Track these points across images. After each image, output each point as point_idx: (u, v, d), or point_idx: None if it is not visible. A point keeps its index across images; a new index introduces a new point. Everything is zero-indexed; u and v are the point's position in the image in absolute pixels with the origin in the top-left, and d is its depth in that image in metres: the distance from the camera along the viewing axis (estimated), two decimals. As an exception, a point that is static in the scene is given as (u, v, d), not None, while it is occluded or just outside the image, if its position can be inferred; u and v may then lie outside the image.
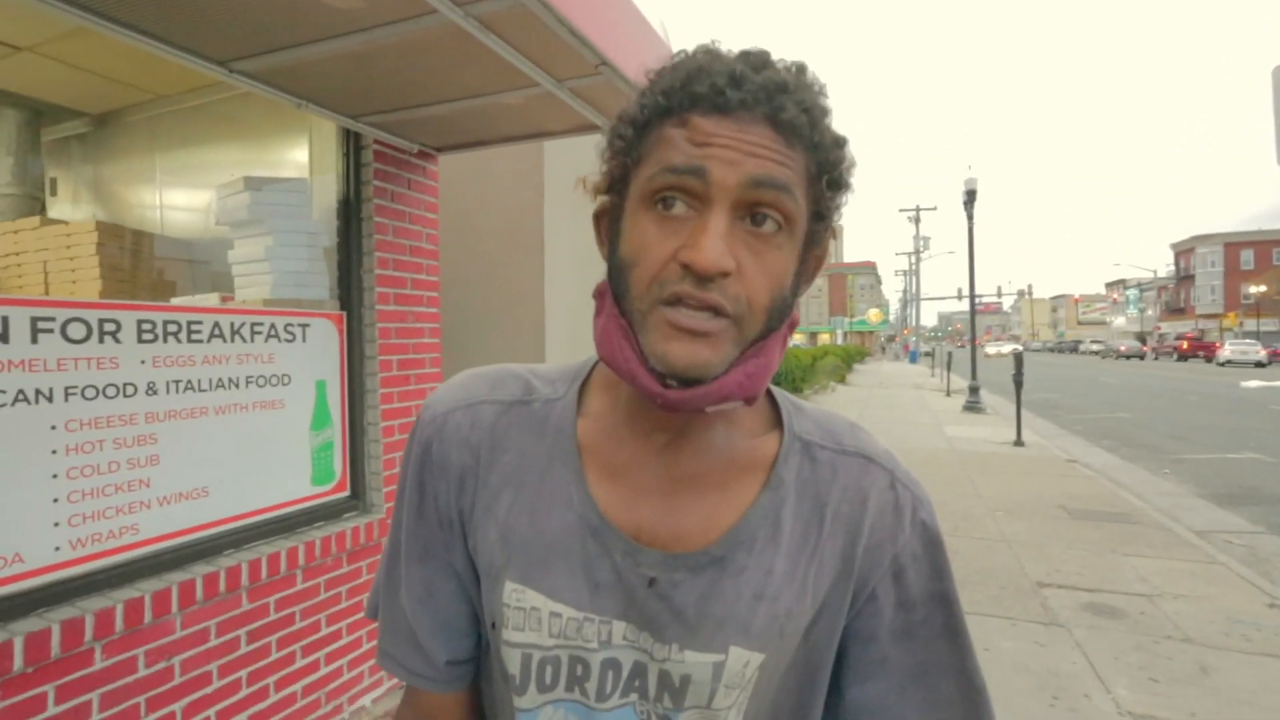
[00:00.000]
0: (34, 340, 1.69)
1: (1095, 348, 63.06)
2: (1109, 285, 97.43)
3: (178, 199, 3.31)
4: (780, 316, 0.52)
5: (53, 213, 3.55)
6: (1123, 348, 53.33)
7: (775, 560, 0.56)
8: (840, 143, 0.52)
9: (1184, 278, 63.96)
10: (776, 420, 0.62)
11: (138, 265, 2.97)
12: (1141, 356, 51.11)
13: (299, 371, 2.40)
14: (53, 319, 1.73)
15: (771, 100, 0.48)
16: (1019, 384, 9.30)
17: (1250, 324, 52.30)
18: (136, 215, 3.42)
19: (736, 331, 0.49)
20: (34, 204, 3.48)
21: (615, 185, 0.54)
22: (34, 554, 1.69)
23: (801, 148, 0.49)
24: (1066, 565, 4.35)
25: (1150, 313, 74.26)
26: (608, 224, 0.56)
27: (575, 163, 3.95)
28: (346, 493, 2.60)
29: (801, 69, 0.52)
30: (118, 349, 1.87)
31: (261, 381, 2.27)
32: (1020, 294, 67.75)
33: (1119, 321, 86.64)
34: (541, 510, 0.58)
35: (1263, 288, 49.45)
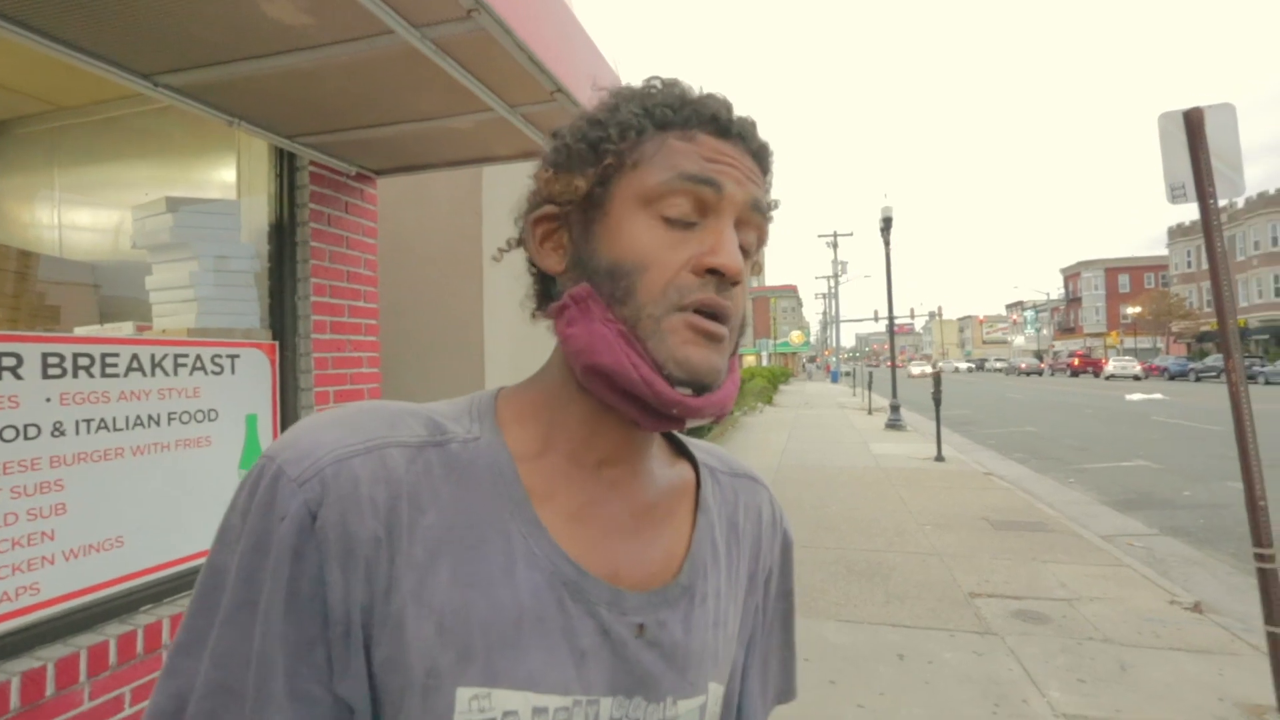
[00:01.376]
0: (-82, 379, 1.49)
1: (999, 365, 67.58)
2: (1009, 306, 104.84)
3: (82, 219, 3.04)
4: (743, 332, 0.53)
5: (-72, 233, 3.18)
6: (1023, 365, 57.48)
7: (720, 583, 0.56)
8: (770, 172, 0.56)
9: (1072, 300, 69.71)
10: (675, 448, 0.62)
11: (30, 291, 2.69)
12: (1040, 373, 55.23)
13: (227, 405, 2.23)
14: (-59, 354, 1.54)
15: (754, 135, 0.52)
16: (938, 401, 9.80)
17: (1130, 341, 57.48)
18: (31, 236, 3.11)
19: (733, 340, 0.50)
20: (-95, 223, 3.11)
21: (594, 186, 0.50)
22: (-88, 624, 1.47)
23: (767, 180, 0.54)
24: (994, 575, 4.57)
25: (1045, 332, 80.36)
26: (573, 228, 0.51)
27: (515, 188, 3.91)
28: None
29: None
30: (18, 385, 1.68)
31: (185, 417, 2.09)
32: (932, 315, 71.88)
33: (1019, 340, 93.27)
34: (498, 578, 0.45)
35: (1138, 309, 54.47)
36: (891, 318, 14.46)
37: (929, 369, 51.03)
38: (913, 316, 55.10)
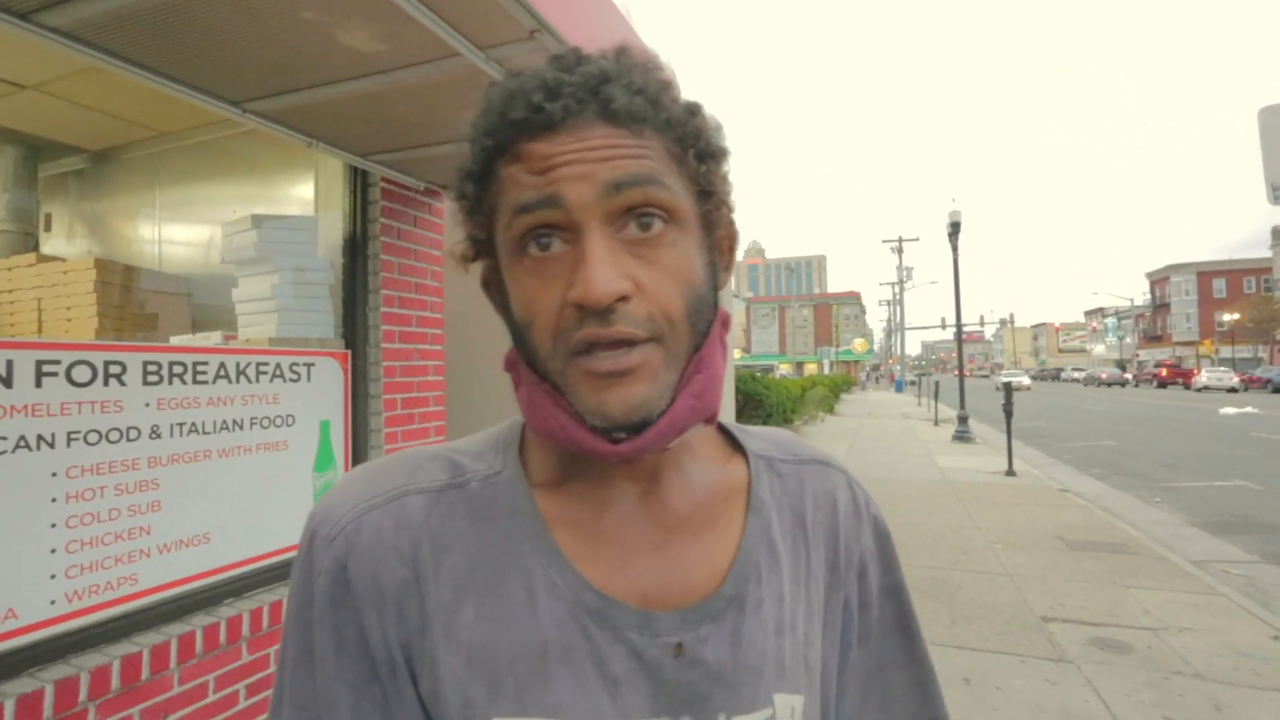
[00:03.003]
0: (38, 384, 1.64)
1: (1077, 375, 63.99)
2: (1088, 313, 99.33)
3: (178, 235, 3.28)
4: (705, 318, 0.46)
5: (46, 249, 3.50)
6: (1104, 375, 54.17)
7: (782, 584, 0.52)
8: (693, 110, 0.47)
9: (1160, 306, 65.38)
10: (729, 443, 0.59)
11: (134, 302, 2.92)
12: (1123, 384, 51.91)
13: (303, 411, 2.35)
14: (58, 361, 1.69)
15: (597, 94, 0.43)
16: (1009, 413, 9.37)
17: (1226, 351, 53.43)
18: (135, 251, 3.38)
19: (664, 352, 0.43)
20: (28, 240, 3.43)
21: (482, 248, 0.48)
22: (29, 609, 1.61)
23: (652, 131, 0.44)
24: (1070, 598, 4.32)
25: (1129, 340, 75.68)
26: (497, 289, 0.50)
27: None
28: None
29: (623, 51, 0.47)
30: (123, 392, 1.83)
31: (266, 422, 2.22)
32: (1002, 323, 68.83)
33: (1099, 349, 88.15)
34: (520, 612, 0.46)
35: (1236, 315, 50.64)
36: (960, 324, 13.92)
37: (1025, 380, 46.30)
38: (982, 324, 52.84)
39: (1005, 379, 43.61)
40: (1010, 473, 9.06)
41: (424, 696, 0.46)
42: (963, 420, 13.48)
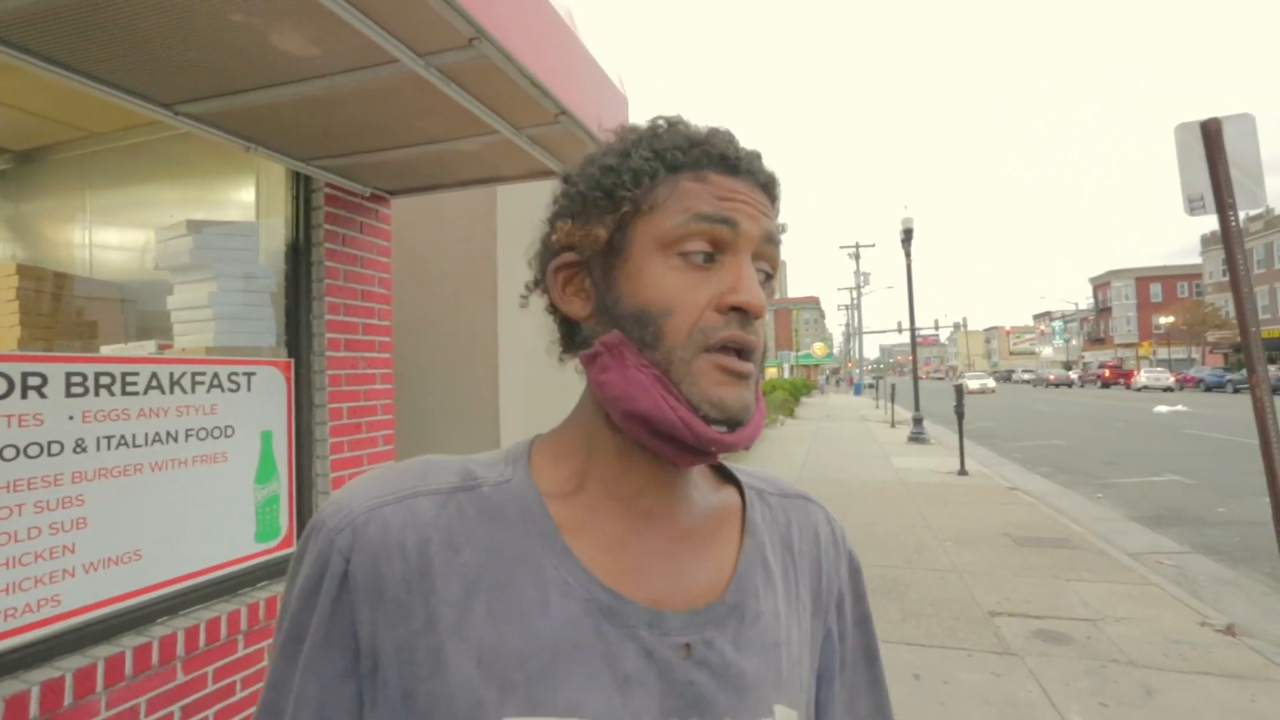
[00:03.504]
0: (-53, 398, 1.56)
1: (1027, 377, 66.31)
2: (1036, 317, 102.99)
3: (110, 239, 3.15)
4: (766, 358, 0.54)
5: (-33, 254, 3.32)
6: (1052, 377, 56.30)
7: (777, 603, 0.55)
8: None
9: (1102, 310, 68.23)
10: (720, 474, 0.63)
11: (62, 310, 2.79)
12: (1070, 385, 54.04)
13: (243, 422, 2.28)
14: (-31, 374, 1.60)
15: (761, 168, 0.53)
16: (960, 414, 9.65)
17: (1163, 352, 56.06)
18: (64, 256, 3.23)
19: (759, 373, 0.51)
20: (-54, 245, 3.25)
21: (613, 232, 0.52)
22: (-62, 634, 1.53)
23: (775, 210, 0.55)
24: (1015, 593, 4.47)
25: (1075, 342, 78.73)
26: (594, 274, 0.53)
27: (529, 206, 3.97)
28: (293, 548, 2.46)
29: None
30: (42, 404, 1.75)
31: (203, 434, 2.15)
32: (956, 326, 70.91)
33: (1047, 351, 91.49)
34: (532, 610, 0.47)
35: (1171, 319, 53.16)
36: (914, 329, 14.30)
37: (990, 383, 45.84)
38: (937, 328, 54.40)
39: (970, 381, 42.68)
40: (962, 472, 9.33)
41: (421, 697, 0.45)
42: (918, 422, 13.83)
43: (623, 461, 0.53)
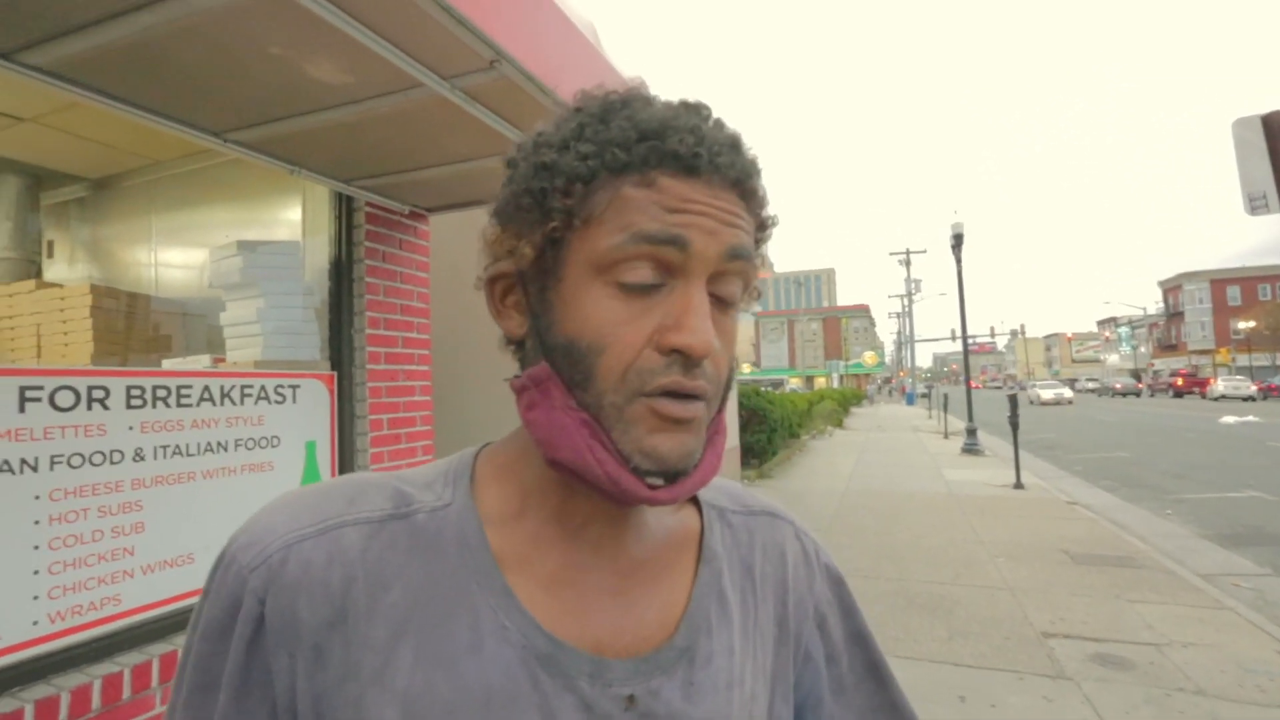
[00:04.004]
0: (21, 409, 1.69)
1: (1091, 386, 63.28)
2: (1100, 323, 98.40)
3: (173, 259, 3.35)
4: (730, 386, 0.47)
5: (49, 275, 3.59)
6: (1118, 385, 53.55)
7: (732, 638, 0.50)
8: (767, 197, 0.47)
9: (1174, 314, 64.68)
10: None
11: (132, 326, 2.98)
12: (1138, 394, 51.31)
13: (289, 433, 2.39)
14: (41, 387, 1.73)
15: (734, 162, 0.43)
16: (1015, 425, 9.29)
17: (1243, 359, 52.72)
18: (132, 276, 3.46)
19: (708, 411, 0.44)
20: (30, 267, 3.51)
21: (543, 248, 0.44)
22: (11, 630, 1.65)
23: (753, 208, 0.46)
24: (1071, 613, 4.26)
25: (1144, 349, 74.82)
26: (527, 292, 0.46)
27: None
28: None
29: (723, 119, 0.47)
30: (105, 415, 1.87)
31: (250, 444, 2.26)
32: (1014, 333, 68.33)
33: (1113, 359, 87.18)
34: (464, 656, 0.42)
35: (1251, 323, 50.01)
36: (965, 336, 13.85)
37: (1067, 393, 40.89)
38: (993, 335, 52.53)
39: (1042, 390, 39.84)
40: (1018, 485, 8.96)
41: None
42: (971, 433, 13.36)
43: (563, 491, 0.47)
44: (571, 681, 0.44)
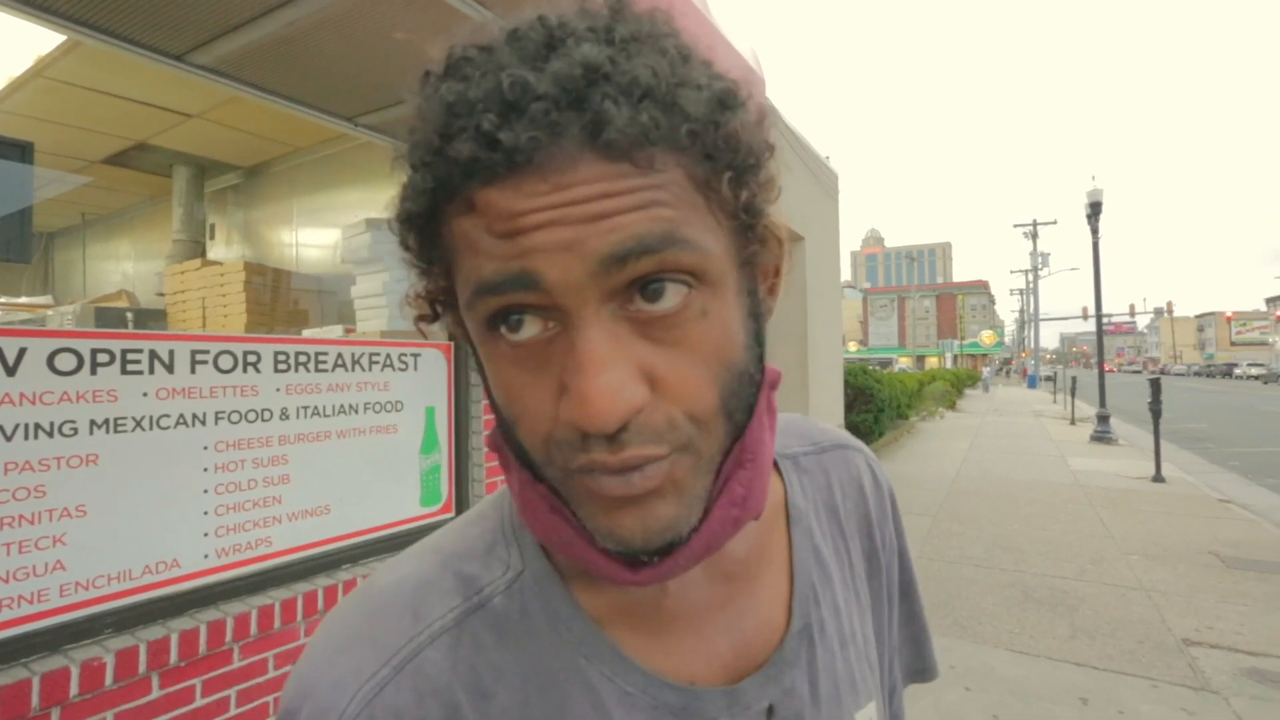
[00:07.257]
0: (193, 371, 1.92)
1: (1255, 371, 55.86)
2: (1269, 301, 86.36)
3: (311, 238, 3.67)
4: (747, 398, 0.35)
5: (211, 255, 4.04)
6: (1290, 371, 46.95)
7: (836, 596, 0.48)
8: (727, 102, 0.32)
9: (1366, 291, 55.61)
10: None
11: (277, 300, 3.31)
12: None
13: (411, 398, 2.57)
14: (207, 351, 1.96)
15: (581, 110, 0.28)
16: (1157, 413, 8.39)
17: None
18: (277, 254, 3.82)
19: (693, 460, 0.33)
20: (197, 248, 3.97)
21: (443, 300, 0.36)
22: (188, 560, 1.90)
23: (667, 153, 0.30)
24: (1221, 621, 3.84)
25: (1323, 331, 65.00)
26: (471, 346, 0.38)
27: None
28: (452, 514, 2.74)
29: (617, 10, 0.32)
30: (258, 378, 2.09)
31: (378, 407, 2.45)
32: (1159, 312, 61.40)
33: (1283, 342, 76.49)
34: None
35: None
36: (1099, 315, 12.63)
37: None
38: (1133, 314, 47.49)
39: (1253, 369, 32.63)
40: (1158, 478, 8.13)
41: None
42: (1103, 419, 12.22)
43: None
44: None
